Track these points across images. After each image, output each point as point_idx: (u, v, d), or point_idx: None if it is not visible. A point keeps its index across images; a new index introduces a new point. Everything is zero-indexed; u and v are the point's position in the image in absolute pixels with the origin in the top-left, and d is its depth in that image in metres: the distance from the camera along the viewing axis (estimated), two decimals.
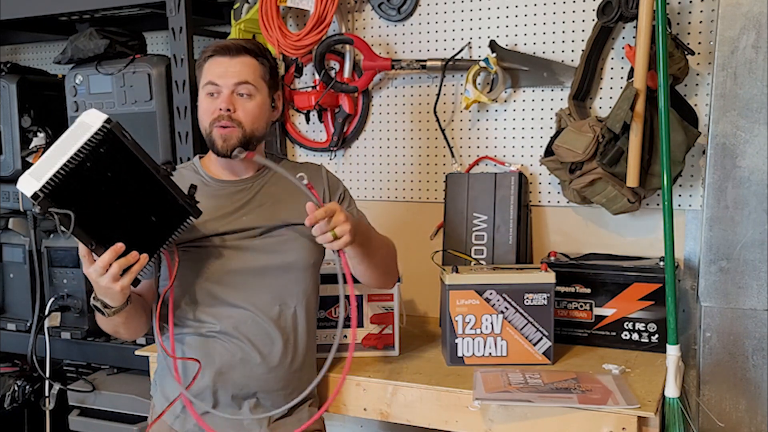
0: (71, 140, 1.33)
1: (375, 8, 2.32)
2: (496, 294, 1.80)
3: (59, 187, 1.29)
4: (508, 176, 2.15)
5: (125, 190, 1.39)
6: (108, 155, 1.34)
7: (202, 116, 1.64)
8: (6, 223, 2.49)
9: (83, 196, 1.32)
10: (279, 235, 1.66)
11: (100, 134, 1.33)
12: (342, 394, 1.81)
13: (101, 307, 1.49)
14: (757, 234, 1.87)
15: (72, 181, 1.30)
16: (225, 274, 1.61)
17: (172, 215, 1.47)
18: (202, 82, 1.64)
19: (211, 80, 1.61)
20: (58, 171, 1.29)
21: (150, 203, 1.43)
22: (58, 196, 1.29)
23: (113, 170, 1.36)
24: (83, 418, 2.44)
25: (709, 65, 1.95)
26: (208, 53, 1.64)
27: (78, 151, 1.31)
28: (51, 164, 1.30)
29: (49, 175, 1.28)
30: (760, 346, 1.88)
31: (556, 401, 1.59)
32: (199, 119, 1.65)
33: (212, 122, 1.61)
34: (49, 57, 2.92)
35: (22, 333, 2.48)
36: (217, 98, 1.61)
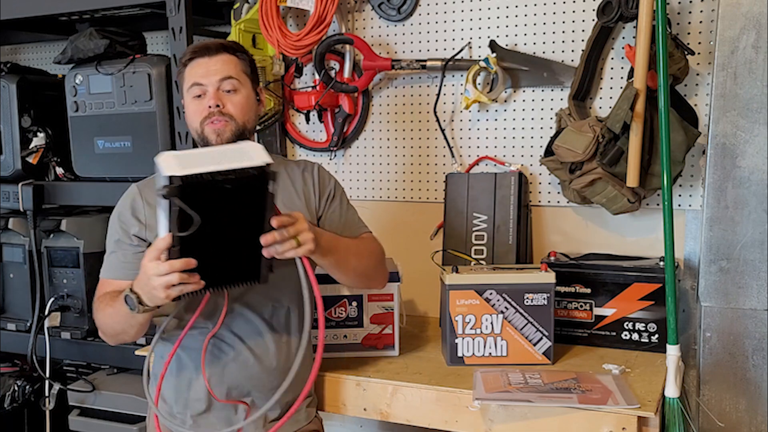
0: (226, 157, 1.31)
1: (375, 8, 2.32)
2: (496, 294, 1.80)
3: (197, 186, 1.26)
4: (508, 176, 2.15)
5: (231, 225, 1.36)
6: (246, 188, 1.32)
7: (191, 118, 1.64)
8: (6, 223, 2.49)
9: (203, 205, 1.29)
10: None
11: (257, 168, 1.30)
12: (342, 394, 1.81)
13: (135, 302, 1.44)
14: (757, 234, 1.87)
15: (208, 189, 1.27)
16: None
17: (246, 269, 1.44)
18: (185, 86, 1.64)
19: (195, 81, 1.62)
20: (206, 173, 1.26)
21: (241, 247, 1.40)
22: (187, 193, 1.26)
23: (239, 205, 1.34)
24: (83, 418, 2.44)
25: (709, 65, 1.95)
26: (187, 57, 1.64)
27: (231, 170, 1.28)
28: (200, 163, 1.27)
29: (195, 170, 1.25)
30: (760, 346, 1.88)
31: (556, 401, 1.59)
32: (188, 123, 1.66)
33: (202, 121, 1.61)
34: (49, 57, 2.92)
35: (22, 333, 2.48)
36: (203, 98, 1.62)
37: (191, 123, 1.65)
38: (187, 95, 1.64)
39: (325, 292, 1.89)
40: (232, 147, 1.38)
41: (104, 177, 2.36)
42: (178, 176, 1.24)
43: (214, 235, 1.32)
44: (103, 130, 2.33)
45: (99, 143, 2.34)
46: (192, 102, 1.63)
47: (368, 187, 2.42)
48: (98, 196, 2.38)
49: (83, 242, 2.37)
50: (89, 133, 2.35)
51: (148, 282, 1.37)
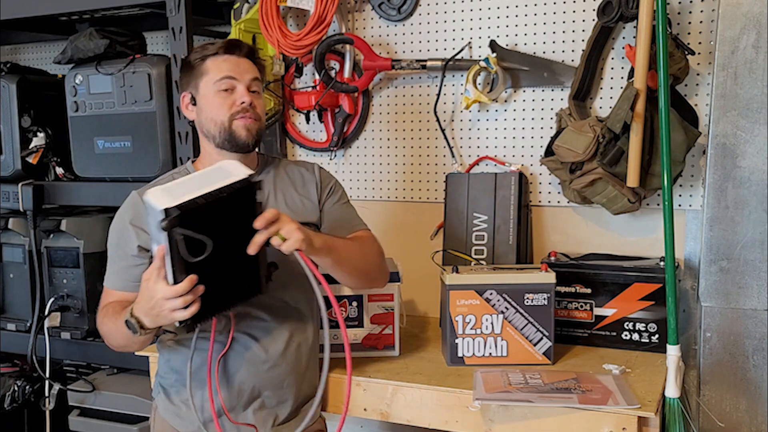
0: (211, 178, 1.33)
1: (375, 8, 2.31)
2: (496, 294, 1.80)
3: (193, 211, 1.28)
4: (508, 176, 2.15)
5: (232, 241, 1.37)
6: (236, 205, 1.34)
7: (215, 111, 1.61)
8: (6, 223, 2.49)
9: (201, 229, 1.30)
10: None
11: (242, 183, 1.33)
12: (342, 395, 1.81)
13: (136, 327, 1.44)
14: (757, 234, 1.86)
15: (203, 212, 1.29)
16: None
17: (249, 283, 1.45)
18: (210, 78, 1.61)
19: (228, 74, 1.60)
20: (198, 198, 1.29)
21: (242, 263, 1.41)
22: (187, 220, 1.28)
23: (233, 220, 1.36)
24: (83, 418, 2.44)
25: (709, 65, 1.95)
26: (211, 51, 1.62)
27: (220, 189, 1.31)
28: (188, 190, 1.30)
29: (187, 198, 1.28)
30: (760, 346, 1.88)
31: (556, 401, 1.59)
32: (209, 116, 1.62)
33: (233, 115, 1.60)
34: (49, 57, 2.92)
35: (22, 333, 2.48)
36: (231, 93, 1.61)
37: (215, 116, 1.61)
38: (211, 87, 1.61)
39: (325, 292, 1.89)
40: (211, 169, 1.39)
41: (104, 177, 2.36)
42: (174, 207, 1.26)
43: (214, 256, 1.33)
44: (103, 130, 2.33)
45: (99, 143, 2.34)
46: (218, 95, 1.61)
47: (368, 187, 2.42)
48: (98, 196, 2.38)
49: (83, 242, 2.37)
50: (89, 133, 2.35)
51: (154, 305, 1.36)
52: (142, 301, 1.40)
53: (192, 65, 1.64)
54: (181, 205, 1.27)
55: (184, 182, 1.34)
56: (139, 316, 1.42)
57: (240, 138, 1.61)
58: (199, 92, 1.63)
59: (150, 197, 1.30)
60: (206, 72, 1.62)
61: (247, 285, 1.45)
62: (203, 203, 1.29)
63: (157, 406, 1.70)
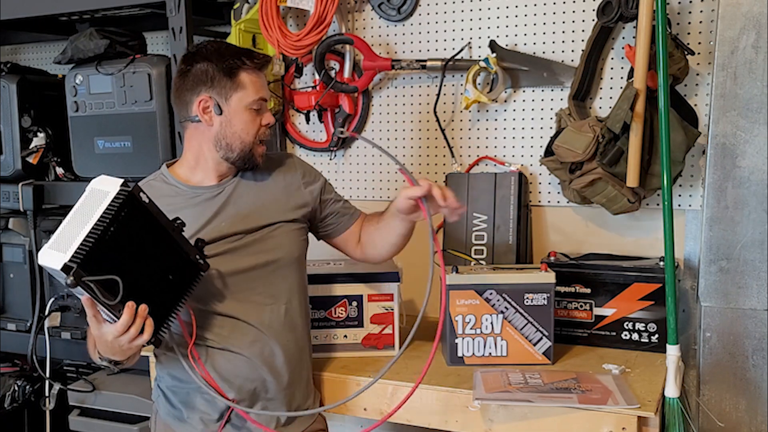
0: (89, 208, 1.31)
1: (375, 8, 2.32)
2: (496, 294, 1.80)
3: (89, 255, 1.26)
4: (508, 176, 2.15)
5: (144, 251, 1.37)
6: (128, 218, 1.33)
7: (244, 130, 1.60)
8: (6, 223, 2.49)
9: (108, 262, 1.29)
10: (260, 235, 1.65)
11: (120, 198, 1.31)
12: (342, 394, 1.81)
13: (112, 367, 1.45)
14: (757, 234, 1.87)
15: (99, 248, 1.27)
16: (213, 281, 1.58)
17: (185, 271, 1.46)
18: (245, 95, 1.58)
19: (262, 96, 1.61)
20: (86, 239, 1.26)
21: (166, 262, 1.41)
22: (88, 265, 1.26)
23: (133, 233, 1.35)
24: (83, 418, 2.44)
25: (709, 65, 1.95)
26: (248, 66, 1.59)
27: (101, 217, 1.29)
28: (73, 234, 1.27)
29: (76, 245, 1.25)
30: (760, 346, 1.88)
31: (556, 401, 1.59)
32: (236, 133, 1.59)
33: (258, 139, 1.62)
34: (49, 57, 2.92)
35: (22, 333, 2.48)
36: (259, 114, 1.62)
37: (243, 135, 1.60)
38: (244, 104, 1.59)
39: (325, 293, 1.90)
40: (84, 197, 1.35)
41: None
42: (68, 262, 1.24)
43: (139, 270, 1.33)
44: (103, 130, 2.33)
45: (99, 143, 2.34)
46: (248, 113, 1.60)
47: (368, 187, 2.42)
48: None
49: None
50: (89, 133, 2.35)
51: (112, 347, 1.37)
52: (101, 346, 1.40)
53: (224, 72, 1.58)
54: (75, 256, 1.24)
55: (65, 227, 1.30)
56: (107, 356, 1.43)
57: (254, 162, 1.64)
58: (230, 105, 1.59)
59: (43, 260, 1.28)
60: (242, 87, 1.59)
61: (184, 274, 1.45)
62: (94, 240, 1.27)
63: (157, 409, 1.70)
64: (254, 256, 1.62)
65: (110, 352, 1.40)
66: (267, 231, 1.65)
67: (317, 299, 1.89)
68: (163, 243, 1.40)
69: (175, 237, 1.42)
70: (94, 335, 1.39)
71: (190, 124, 1.62)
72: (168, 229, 1.41)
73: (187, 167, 1.67)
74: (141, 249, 1.37)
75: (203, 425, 1.61)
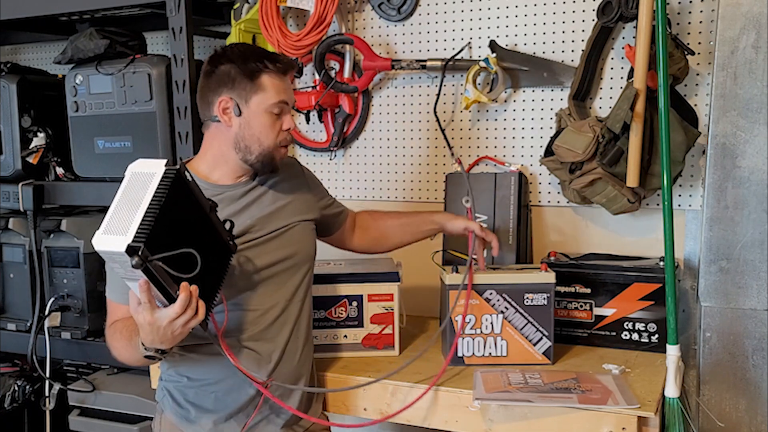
0: (136, 191, 1.30)
1: (375, 8, 2.32)
2: (496, 294, 1.80)
3: (151, 234, 1.24)
4: (508, 176, 2.15)
5: (191, 231, 1.37)
6: (178, 197, 1.32)
7: (264, 133, 1.59)
8: (6, 223, 2.49)
9: (166, 242, 1.27)
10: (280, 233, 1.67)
11: (169, 176, 1.31)
12: (342, 394, 1.81)
13: (159, 356, 1.43)
14: (757, 234, 1.87)
15: (157, 227, 1.26)
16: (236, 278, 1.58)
17: (220, 253, 1.45)
18: (266, 98, 1.58)
19: (284, 99, 1.60)
20: (144, 219, 1.25)
21: (206, 242, 1.40)
22: (151, 245, 1.24)
23: (182, 212, 1.34)
24: (83, 418, 2.44)
25: (709, 65, 1.95)
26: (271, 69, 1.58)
27: (154, 196, 1.28)
28: (128, 217, 1.26)
29: (135, 226, 1.24)
30: (760, 346, 1.88)
31: (556, 401, 1.59)
32: (255, 136, 1.59)
33: (280, 143, 1.62)
34: (49, 57, 2.92)
35: (22, 333, 2.48)
36: (280, 118, 1.61)
37: (263, 138, 1.59)
38: (264, 107, 1.58)
39: (325, 292, 1.90)
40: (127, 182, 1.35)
41: (104, 177, 2.36)
42: (133, 242, 1.23)
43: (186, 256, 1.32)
44: (103, 130, 2.33)
45: (99, 143, 2.34)
46: (268, 116, 1.59)
47: (368, 187, 2.42)
48: (98, 196, 2.37)
49: (83, 242, 2.37)
50: (89, 133, 2.35)
51: (164, 332, 1.34)
52: (149, 335, 1.36)
53: (245, 74, 1.58)
54: (138, 236, 1.23)
55: (115, 211, 1.29)
56: (154, 346, 1.40)
57: (274, 166, 1.64)
58: (249, 107, 1.58)
59: (101, 245, 1.26)
60: (263, 89, 1.58)
61: (219, 256, 1.45)
62: (153, 218, 1.25)
63: (163, 409, 1.69)
64: (275, 253, 1.64)
65: (159, 339, 1.36)
66: (287, 229, 1.68)
67: (317, 299, 1.89)
68: (204, 223, 1.40)
69: (212, 217, 1.43)
70: (142, 324, 1.35)
71: (211, 123, 1.63)
72: (206, 209, 1.41)
73: (206, 165, 1.67)
74: (189, 229, 1.36)
75: (212, 425, 1.61)
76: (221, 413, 1.61)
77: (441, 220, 1.91)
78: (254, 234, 1.62)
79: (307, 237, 1.74)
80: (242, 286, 1.59)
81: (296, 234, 1.70)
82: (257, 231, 1.63)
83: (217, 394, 1.60)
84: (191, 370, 1.61)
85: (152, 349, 1.41)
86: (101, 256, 1.27)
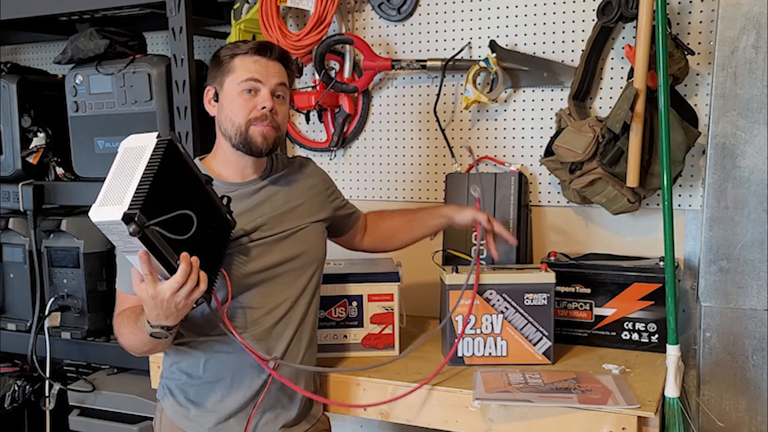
0: (130, 164, 1.30)
1: (375, 8, 2.32)
2: (496, 294, 1.80)
3: (147, 201, 1.24)
4: (508, 176, 2.15)
5: (187, 202, 1.35)
6: (172, 167, 1.32)
7: (235, 112, 1.59)
8: (6, 223, 2.49)
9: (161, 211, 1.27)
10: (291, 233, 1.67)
11: (161, 146, 1.31)
12: (342, 395, 1.81)
13: (164, 333, 1.41)
14: (757, 234, 1.87)
15: (152, 196, 1.26)
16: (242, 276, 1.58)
17: (219, 227, 1.45)
18: (235, 77, 1.59)
19: (253, 77, 1.58)
20: (139, 188, 1.25)
21: (204, 215, 1.39)
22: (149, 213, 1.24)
23: (177, 183, 1.34)
24: (83, 418, 2.44)
25: (709, 65, 1.95)
26: (241, 50, 1.60)
27: (148, 165, 1.28)
28: (122, 188, 1.26)
29: (130, 195, 1.24)
30: (760, 346, 1.88)
31: (556, 401, 1.59)
32: (228, 116, 1.60)
33: (251, 120, 1.59)
34: (49, 57, 2.92)
35: (22, 333, 2.48)
36: (254, 96, 1.59)
37: (234, 117, 1.59)
38: (235, 86, 1.59)
39: (325, 292, 1.89)
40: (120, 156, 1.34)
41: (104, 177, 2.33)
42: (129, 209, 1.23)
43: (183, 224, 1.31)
44: (103, 130, 2.33)
45: (99, 143, 2.34)
46: (240, 95, 1.58)
47: (368, 187, 2.42)
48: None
49: (83, 242, 2.37)
50: (89, 133, 2.35)
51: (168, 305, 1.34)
52: (153, 310, 1.36)
53: (220, 60, 1.61)
54: (133, 204, 1.23)
55: (110, 184, 1.29)
56: (159, 323, 1.39)
57: (255, 144, 1.59)
58: (223, 90, 1.61)
59: (98, 216, 1.25)
60: (233, 70, 1.59)
61: (219, 229, 1.45)
62: (148, 186, 1.25)
63: (163, 407, 1.69)
64: (283, 252, 1.64)
65: (164, 314, 1.36)
66: (297, 230, 1.68)
67: None
68: (200, 195, 1.41)
69: (209, 190, 1.43)
70: (145, 299, 1.34)
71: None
72: (202, 181, 1.42)
73: (216, 162, 1.68)
74: (184, 200, 1.35)
75: (212, 424, 1.61)
76: (221, 412, 1.60)
77: (449, 213, 1.90)
78: (264, 232, 1.62)
79: (318, 238, 1.74)
80: (248, 284, 1.59)
81: (307, 235, 1.70)
82: (267, 230, 1.63)
83: (217, 392, 1.60)
84: (192, 367, 1.62)
85: (158, 326, 1.40)
86: (99, 228, 1.27)
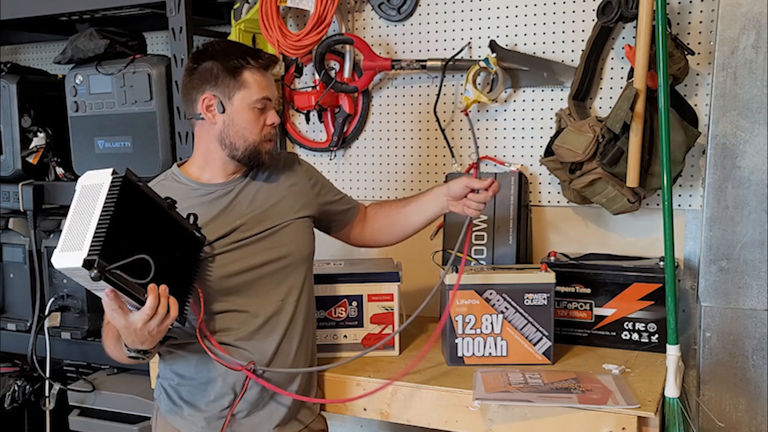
0: (87, 204, 1.31)
1: (375, 8, 2.32)
2: (496, 294, 1.80)
3: (105, 245, 1.25)
4: (508, 176, 2.15)
5: (150, 233, 1.38)
6: (129, 203, 1.33)
7: (249, 129, 1.60)
8: (6, 223, 2.49)
9: (122, 249, 1.29)
10: (272, 232, 1.66)
11: (116, 184, 1.32)
12: (341, 394, 1.81)
13: (143, 356, 1.44)
14: (757, 234, 1.87)
15: (111, 237, 1.27)
16: (224, 279, 1.59)
17: (188, 247, 1.47)
18: (248, 94, 1.59)
19: (266, 95, 1.61)
20: (97, 231, 1.26)
21: (170, 240, 1.43)
22: (107, 255, 1.25)
23: (137, 217, 1.36)
24: (83, 418, 2.44)
25: (709, 65, 1.95)
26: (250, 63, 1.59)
27: (104, 207, 1.29)
28: (81, 231, 1.27)
29: (89, 239, 1.25)
30: (760, 346, 1.88)
31: (556, 401, 1.59)
32: (240, 132, 1.60)
33: (265, 136, 1.62)
34: (49, 57, 2.92)
35: (22, 333, 2.48)
36: (264, 113, 1.62)
37: (247, 134, 1.60)
38: (247, 103, 1.59)
39: (325, 292, 1.90)
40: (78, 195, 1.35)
41: None
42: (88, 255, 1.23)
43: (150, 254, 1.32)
44: (103, 130, 2.33)
45: (99, 143, 2.34)
46: (252, 112, 1.60)
47: (368, 187, 2.42)
48: None
49: None
50: (89, 133, 2.36)
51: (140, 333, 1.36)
52: (128, 337, 1.39)
53: (228, 71, 1.59)
54: (92, 249, 1.24)
55: (69, 228, 1.30)
56: (135, 347, 1.42)
57: (262, 159, 1.63)
58: (233, 104, 1.60)
59: (60, 263, 1.26)
60: (245, 86, 1.59)
61: (188, 250, 1.47)
62: (106, 230, 1.26)
63: (159, 406, 1.70)
64: (266, 253, 1.64)
65: (139, 341, 1.38)
66: (279, 228, 1.67)
67: (317, 299, 1.88)
68: (164, 222, 1.42)
69: (173, 214, 1.45)
70: (120, 328, 1.37)
71: (197, 121, 1.64)
72: (164, 207, 1.43)
73: (197, 165, 1.68)
74: (147, 231, 1.37)
75: (204, 422, 1.61)
76: (213, 411, 1.61)
77: (442, 190, 1.79)
78: (244, 233, 1.62)
79: (303, 235, 1.72)
80: (230, 286, 1.59)
81: (290, 233, 1.68)
82: (246, 230, 1.62)
83: (209, 393, 1.60)
84: (184, 369, 1.62)
85: (134, 351, 1.43)
86: (64, 274, 1.28)
